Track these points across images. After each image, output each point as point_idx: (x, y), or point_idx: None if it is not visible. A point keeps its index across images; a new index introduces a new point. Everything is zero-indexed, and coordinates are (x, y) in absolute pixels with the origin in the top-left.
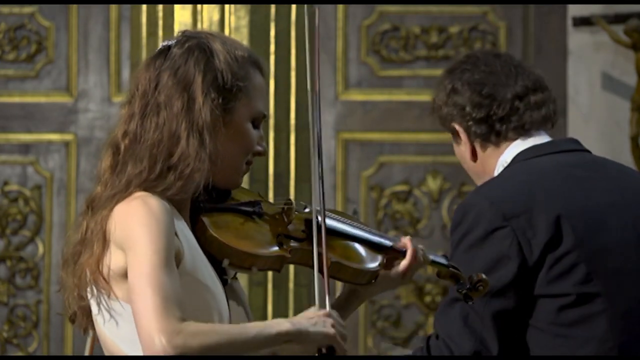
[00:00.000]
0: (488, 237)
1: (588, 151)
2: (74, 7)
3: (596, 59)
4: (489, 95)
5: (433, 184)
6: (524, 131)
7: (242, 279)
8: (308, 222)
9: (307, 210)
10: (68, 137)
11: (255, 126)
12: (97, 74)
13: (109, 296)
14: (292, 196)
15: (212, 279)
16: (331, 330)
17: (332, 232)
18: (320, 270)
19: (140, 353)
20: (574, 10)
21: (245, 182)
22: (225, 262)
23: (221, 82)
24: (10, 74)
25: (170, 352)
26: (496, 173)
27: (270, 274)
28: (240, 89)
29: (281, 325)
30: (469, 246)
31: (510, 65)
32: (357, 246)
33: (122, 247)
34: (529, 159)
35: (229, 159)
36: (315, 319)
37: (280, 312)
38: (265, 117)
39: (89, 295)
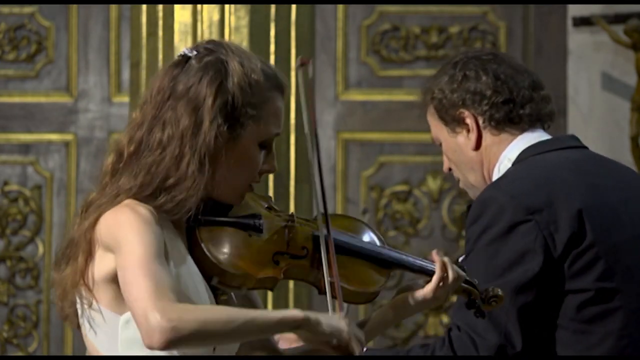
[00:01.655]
0: (512, 231)
1: (587, 148)
2: (74, 7)
3: (596, 59)
4: (507, 81)
5: (433, 184)
6: (535, 121)
7: None
8: (311, 239)
9: (312, 220)
10: (68, 137)
11: (264, 146)
12: (97, 74)
13: (90, 306)
14: (292, 196)
15: (197, 293)
16: (344, 326)
17: (335, 249)
18: (333, 295)
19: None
20: (574, 10)
21: None
22: (214, 281)
23: (230, 108)
24: (10, 74)
25: (165, 326)
26: (499, 166)
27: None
28: (249, 116)
29: (290, 311)
30: (491, 240)
31: (512, 61)
32: (360, 264)
33: (111, 249)
34: (537, 155)
35: (232, 182)
36: (331, 315)
37: None
38: (278, 135)
39: (76, 302)
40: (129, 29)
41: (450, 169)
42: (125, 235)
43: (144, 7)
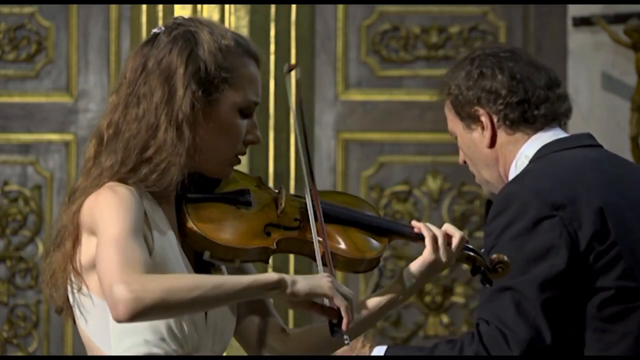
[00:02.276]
0: (536, 227)
1: (602, 146)
2: (74, 7)
3: (596, 59)
4: (522, 80)
5: (433, 184)
6: (550, 121)
7: None
8: (302, 210)
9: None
10: (68, 137)
11: (245, 115)
12: (97, 74)
13: (79, 290)
14: None
15: (182, 270)
16: (325, 282)
17: (327, 218)
18: (323, 262)
19: (109, 347)
20: (574, 10)
21: None
22: (206, 255)
23: (203, 74)
24: (10, 74)
25: (128, 297)
26: (515, 163)
27: (270, 271)
28: (224, 80)
29: (264, 274)
30: (515, 235)
31: (530, 57)
32: (355, 232)
33: (93, 232)
34: (556, 152)
35: (216, 150)
36: (312, 276)
37: (280, 312)
38: (257, 104)
39: (67, 290)
40: (129, 29)
41: (465, 162)
42: (102, 214)
43: (144, 7)
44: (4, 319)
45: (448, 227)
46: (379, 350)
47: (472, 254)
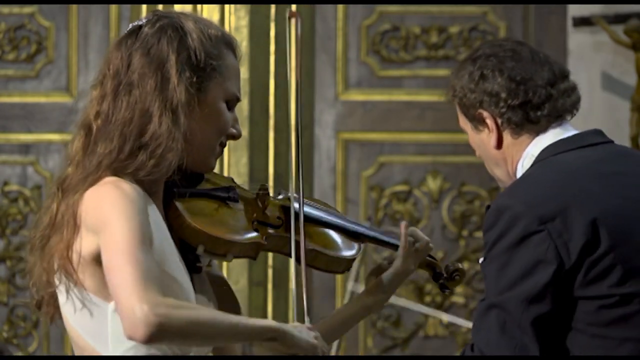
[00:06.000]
0: (524, 241)
1: (612, 141)
2: (74, 7)
3: (596, 59)
4: (522, 81)
5: (433, 184)
6: (555, 119)
7: (242, 278)
8: (284, 209)
9: (281, 196)
10: (68, 137)
11: (229, 108)
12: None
13: (75, 284)
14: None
15: (180, 270)
16: (315, 341)
17: (308, 219)
18: (298, 259)
19: (106, 347)
20: (574, 10)
21: (245, 182)
22: (200, 249)
23: (195, 61)
24: (10, 74)
25: (152, 320)
26: (522, 163)
27: (270, 274)
28: (214, 67)
29: (268, 321)
30: (503, 250)
31: (533, 53)
32: (333, 234)
33: (95, 230)
34: (557, 155)
35: (203, 139)
36: (299, 327)
37: (280, 312)
38: (239, 100)
39: (57, 282)
40: None
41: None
42: (110, 216)
43: (144, 7)
44: (4, 319)
45: (414, 232)
46: None
47: (432, 260)
